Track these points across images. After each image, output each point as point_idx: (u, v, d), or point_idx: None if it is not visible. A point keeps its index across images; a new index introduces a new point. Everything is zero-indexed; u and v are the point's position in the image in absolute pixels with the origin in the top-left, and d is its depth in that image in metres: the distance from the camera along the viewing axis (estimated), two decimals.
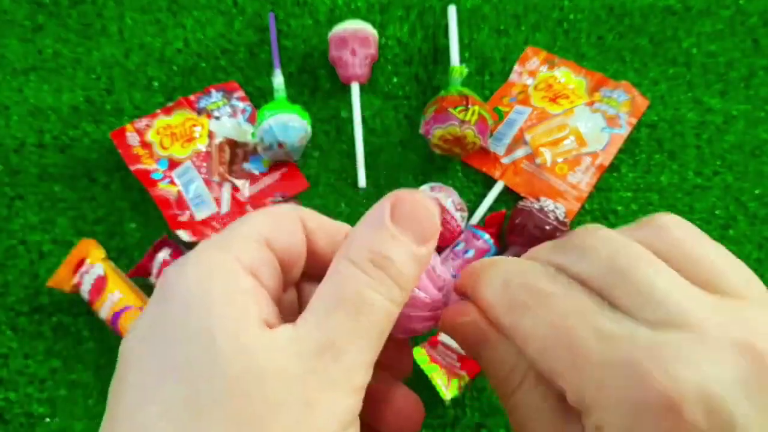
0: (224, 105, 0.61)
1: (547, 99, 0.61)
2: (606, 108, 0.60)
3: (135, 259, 0.56)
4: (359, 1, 0.66)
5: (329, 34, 0.61)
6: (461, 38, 0.63)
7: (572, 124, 0.59)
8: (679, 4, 0.65)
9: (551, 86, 0.62)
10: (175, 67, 0.64)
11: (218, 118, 0.60)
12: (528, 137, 0.59)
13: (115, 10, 0.66)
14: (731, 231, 0.57)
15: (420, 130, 0.57)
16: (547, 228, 0.52)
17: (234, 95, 0.62)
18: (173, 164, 0.58)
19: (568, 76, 0.62)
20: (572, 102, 0.60)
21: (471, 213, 0.57)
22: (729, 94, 0.61)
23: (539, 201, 0.54)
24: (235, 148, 0.60)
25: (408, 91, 0.63)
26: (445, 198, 0.54)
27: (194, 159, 0.59)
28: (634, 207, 0.58)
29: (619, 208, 0.58)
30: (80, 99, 0.62)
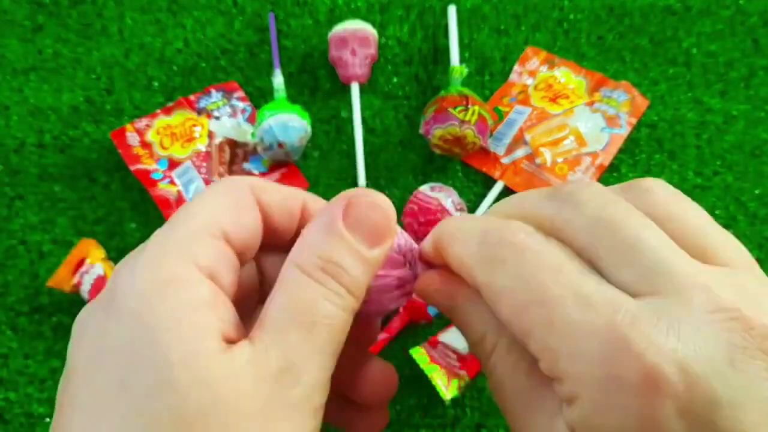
0: (224, 105, 0.61)
1: (547, 99, 0.61)
2: (606, 108, 0.60)
3: None
4: (359, 1, 0.66)
5: (329, 34, 0.61)
6: (461, 38, 0.63)
7: (572, 124, 0.59)
8: (679, 4, 0.65)
9: (551, 86, 0.62)
10: (175, 67, 0.64)
11: (218, 118, 0.60)
12: (528, 137, 0.59)
13: (115, 10, 0.66)
14: (731, 231, 0.57)
15: (420, 130, 0.57)
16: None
17: (234, 95, 0.62)
18: (173, 164, 0.58)
19: (568, 76, 0.62)
20: (572, 102, 0.60)
21: (471, 213, 0.57)
22: (729, 94, 0.61)
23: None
24: (235, 148, 0.60)
25: (408, 91, 0.63)
26: (445, 198, 0.54)
27: (194, 159, 0.59)
28: None
29: None
30: (80, 99, 0.62)
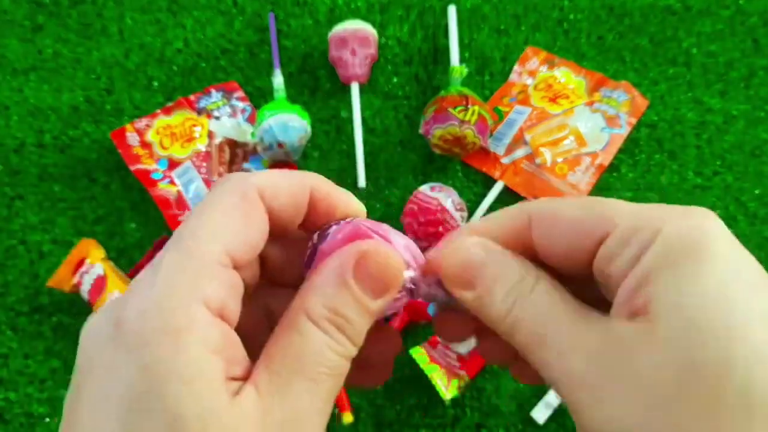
0: (224, 105, 0.61)
1: (547, 99, 0.61)
2: (606, 108, 0.60)
3: (135, 259, 0.56)
4: (359, 1, 0.66)
5: (329, 34, 0.61)
6: (461, 38, 0.63)
7: (572, 124, 0.59)
8: (679, 4, 0.65)
9: (551, 86, 0.62)
10: (175, 67, 0.64)
11: (218, 118, 0.60)
12: (528, 137, 0.59)
13: (115, 10, 0.66)
14: (731, 231, 0.57)
15: (420, 130, 0.57)
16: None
17: (234, 95, 0.62)
18: (173, 164, 0.58)
19: (568, 76, 0.62)
20: (572, 102, 0.60)
21: (471, 213, 0.57)
22: (729, 94, 0.61)
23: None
24: (235, 148, 0.60)
25: (408, 91, 0.63)
26: (445, 198, 0.54)
27: (194, 159, 0.59)
28: None
29: None
30: (80, 99, 0.62)
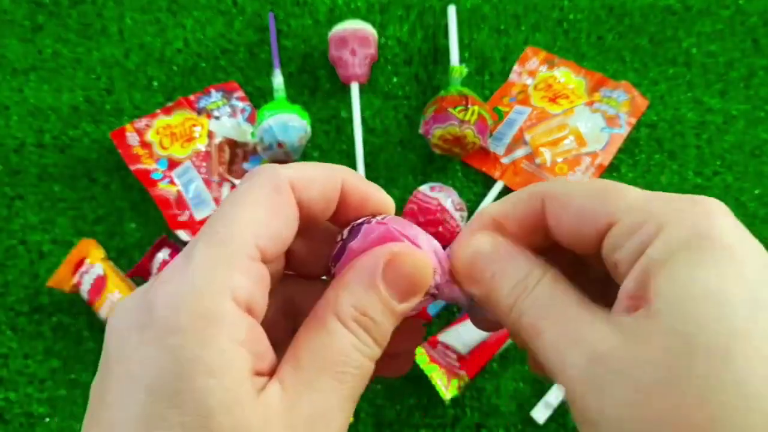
0: (224, 105, 0.61)
1: (547, 99, 0.61)
2: (606, 108, 0.60)
3: (135, 259, 0.56)
4: (359, 1, 0.66)
5: (329, 34, 0.61)
6: (461, 38, 0.63)
7: (572, 124, 0.59)
8: (679, 4, 0.65)
9: (551, 86, 0.62)
10: (175, 67, 0.64)
11: (218, 118, 0.60)
12: (528, 137, 0.59)
13: (115, 10, 0.66)
14: None
15: (420, 130, 0.57)
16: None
17: (234, 95, 0.62)
18: (173, 164, 0.58)
19: (568, 76, 0.62)
20: (572, 102, 0.60)
21: (471, 213, 0.57)
22: (729, 94, 0.61)
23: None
24: (235, 148, 0.60)
25: (408, 91, 0.63)
26: (445, 198, 0.54)
27: (194, 159, 0.59)
28: None
29: None
30: (80, 99, 0.62)
